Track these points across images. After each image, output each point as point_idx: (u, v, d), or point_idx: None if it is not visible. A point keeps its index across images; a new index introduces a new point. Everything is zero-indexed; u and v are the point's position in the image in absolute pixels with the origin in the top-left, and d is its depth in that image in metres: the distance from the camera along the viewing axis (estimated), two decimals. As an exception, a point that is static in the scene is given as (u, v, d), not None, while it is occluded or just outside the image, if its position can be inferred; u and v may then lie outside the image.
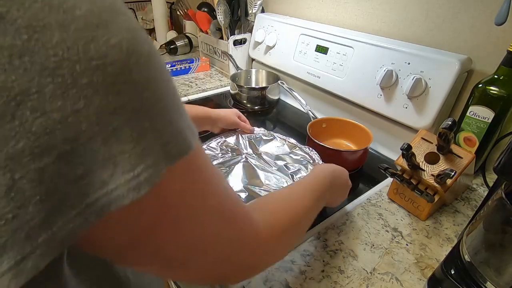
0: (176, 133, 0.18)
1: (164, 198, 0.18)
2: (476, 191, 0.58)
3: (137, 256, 0.20)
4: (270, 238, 0.27)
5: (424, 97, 0.60)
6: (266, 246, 0.27)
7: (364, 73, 0.69)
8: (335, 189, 0.43)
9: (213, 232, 0.22)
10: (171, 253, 0.21)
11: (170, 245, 0.20)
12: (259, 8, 0.99)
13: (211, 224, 0.21)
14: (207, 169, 0.21)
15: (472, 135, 0.56)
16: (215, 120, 0.62)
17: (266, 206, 0.30)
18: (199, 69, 1.14)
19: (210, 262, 0.23)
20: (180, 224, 0.20)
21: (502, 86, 0.51)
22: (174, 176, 0.18)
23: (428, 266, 0.44)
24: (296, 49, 0.86)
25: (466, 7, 0.57)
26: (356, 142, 0.70)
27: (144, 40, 0.16)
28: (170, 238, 0.20)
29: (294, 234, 0.32)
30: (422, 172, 0.49)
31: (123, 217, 0.17)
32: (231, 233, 0.23)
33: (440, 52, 0.60)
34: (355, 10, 0.77)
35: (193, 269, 0.23)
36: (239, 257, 0.25)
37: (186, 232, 0.20)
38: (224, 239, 0.23)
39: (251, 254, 0.25)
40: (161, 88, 0.17)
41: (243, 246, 0.24)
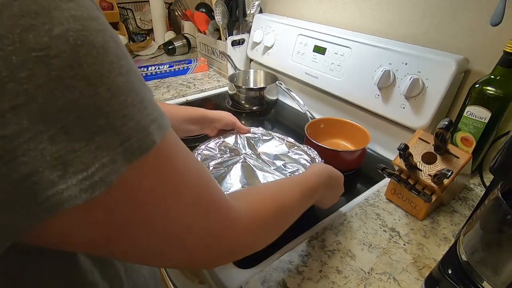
0: (138, 129, 0.17)
1: (132, 195, 0.18)
2: (473, 190, 0.58)
3: (111, 251, 0.20)
4: (250, 226, 0.27)
5: (422, 97, 0.60)
6: (245, 233, 0.26)
7: (362, 74, 0.69)
8: (329, 190, 0.43)
9: (189, 223, 0.21)
10: (146, 247, 0.20)
11: (144, 240, 0.20)
12: (257, 9, 0.99)
13: (186, 216, 0.21)
14: (180, 160, 0.21)
15: (469, 135, 0.57)
16: (212, 120, 0.62)
17: (250, 195, 0.31)
18: (197, 69, 1.14)
19: (187, 251, 0.23)
20: (153, 220, 0.19)
21: (499, 86, 0.52)
22: (140, 172, 0.17)
23: (426, 266, 0.44)
24: (294, 50, 0.86)
25: (463, 7, 0.57)
26: (354, 142, 0.70)
27: (97, 31, 0.15)
28: (143, 234, 0.19)
29: (276, 225, 0.32)
30: (419, 172, 0.49)
31: (84, 215, 0.16)
32: (208, 223, 0.23)
33: (437, 52, 0.60)
34: (353, 10, 0.77)
35: (170, 258, 0.23)
36: (217, 245, 0.24)
37: (160, 227, 0.20)
38: (201, 229, 0.22)
39: (229, 242, 0.25)
40: (119, 82, 0.16)
41: (220, 234, 0.24)
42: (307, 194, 0.37)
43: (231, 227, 0.25)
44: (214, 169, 0.54)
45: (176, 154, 0.20)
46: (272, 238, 0.32)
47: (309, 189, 0.38)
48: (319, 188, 0.40)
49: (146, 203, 0.18)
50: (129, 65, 0.17)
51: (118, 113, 0.16)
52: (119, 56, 0.16)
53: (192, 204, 0.21)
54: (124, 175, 0.16)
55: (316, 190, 0.39)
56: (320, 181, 0.40)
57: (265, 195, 0.32)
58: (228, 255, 0.27)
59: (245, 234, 0.26)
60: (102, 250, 0.20)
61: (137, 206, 0.18)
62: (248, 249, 0.28)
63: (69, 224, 0.16)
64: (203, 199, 0.22)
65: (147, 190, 0.18)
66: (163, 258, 0.22)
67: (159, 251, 0.21)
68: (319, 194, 0.40)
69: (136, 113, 0.17)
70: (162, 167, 0.19)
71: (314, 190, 0.38)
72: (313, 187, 0.38)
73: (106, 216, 0.17)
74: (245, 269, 0.43)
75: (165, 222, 0.20)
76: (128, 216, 0.18)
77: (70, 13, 0.14)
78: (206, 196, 0.23)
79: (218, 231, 0.24)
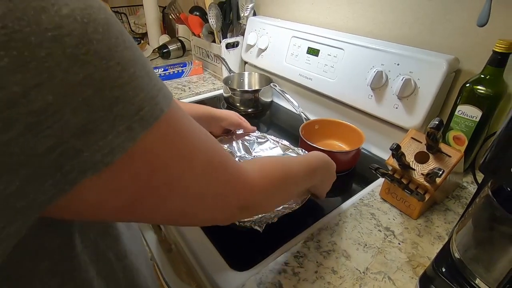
0: (148, 98, 0.18)
1: (151, 159, 0.19)
2: (467, 189, 0.59)
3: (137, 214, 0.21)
4: (259, 184, 0.29)
5: (414, 97, 0.61)
6: (257, 190, 0.29)
7: (355, 75, 0.70)
8: (325, 173, 0.46)
9: (206, 182, 0.23)
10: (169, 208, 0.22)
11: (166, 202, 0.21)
12: (251, 11, 1.00)
13: (204, 176, 0.23)
14: (187, 126, 0.22)
15: (461, 134, 0.57)
16: (219, 119, 0.63)
17: (260, 160, 0.34)
18: (192, 72, 1.14)
19: (207, 208, 0.25)
20: (174, 182, 0.21)
21: (489, 86, 0.52)
22: (155, 138, 0.19)
23: (420, 265, 0.44)
24: (288, 52, 0.87)
25: (454, 8, 0.58)
26: (349, 142, 0.70)
27: (98, 8, 0.16)
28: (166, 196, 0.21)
29: (283, 189, 0.35)
30: (412, 171, 0.49)
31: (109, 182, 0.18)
32: (223, 180, 0.25)
33: (428, 52, 0.61)
34: (346, 12, 0.78)
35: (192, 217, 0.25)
36: (233, 200, 0.27)
37: (180, 188, 0.22)
38: (218, 186, 0.25)
39: (243, 197, 0.27)
40: (127, 55, 0.17)
41: (235, 190, 0.26)
42: (309, 170, 0.40)
43: (244, 183, 0.27)
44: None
45: (182, 121, 0.22)
46: (279, 200, 0.35)
47: (311, 166, 0.41)
48: (318, 168, 0.43)
49: (166, 166, 0.20)
50: (131, 39, 0.18)
51: (130, 84, 0.17)
52: (121, 31, 0.17)
53: (207, 164, 0.23)
54: (141, 141, 0.18)
55: (315, 170, 0.42)
56: (319, 163, 0.44)
57: (273, 162, 0.35)
58: (243, 211, 0.29)
59: (256, 190, 0.29)
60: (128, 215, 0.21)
61: (158, 169, 0.20)
62: (259, 206, 0.31)
63: (97, 192, 0.18)
64: (215, 159, 0.24)
65: (164, 154, 0.20)
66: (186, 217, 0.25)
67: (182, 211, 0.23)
68: (319, 174, 0.43)
69: (144, 84, 0.18)
70: (174, 132, 0.21)
71: (314, 169, 0.42)
72: (314, 166, 0.42)
73: (128, 182, 0.19)
74: (241, 271, 0.43)
75: (185, 183, 0.22)
76: (151, 179, 0.19)
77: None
78: (217, 157, 0.25)
79: (232, 187, 0.26)
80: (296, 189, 0.38)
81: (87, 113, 0.15)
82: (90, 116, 0.15)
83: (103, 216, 0.21)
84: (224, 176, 0.25)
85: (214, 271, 0.44)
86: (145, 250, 0.38)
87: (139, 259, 0.34)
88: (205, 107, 0.61)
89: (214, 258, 0.46)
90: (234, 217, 0.29)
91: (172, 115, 0.20)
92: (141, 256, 0.35)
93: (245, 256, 0.46)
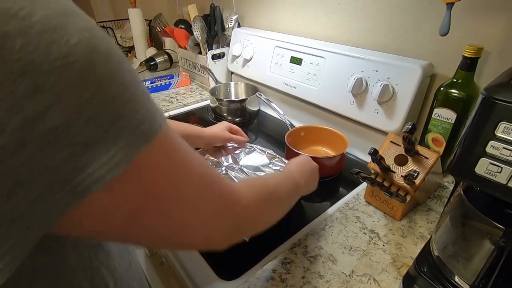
0: (148, 114, 0.20)
1: (152, 173, 0.20)
2: (448, 188, 0.61)
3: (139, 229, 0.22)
4: (252, 202, 0.30)
5: (393, 102, 0.63)
6: (249, 208, 0.30)
7: (337, 82, 0.72)
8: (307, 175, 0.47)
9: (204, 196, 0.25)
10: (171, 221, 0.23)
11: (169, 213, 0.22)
12: (235, 23, 1.02)
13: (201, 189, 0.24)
14: (182, 143, 0.24)
15: (439, 136, 0.59)
16: (208, 140, 0.64)
17: (247, 181, 0.35)
18: (180, 84, 1.15)
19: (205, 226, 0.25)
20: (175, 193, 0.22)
21: (461, 89, 0.55)
22: (155, 152, 0.20)
23: (404, 265, 0.45)
24: (272, 61, 0.89)
25: (425, 16, 0.61)
26: (334, 148, 0.72)
27: (101, 37, 0.18)
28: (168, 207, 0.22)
29: (275, 205, 0.36)
30: (393, 174, 0.51)
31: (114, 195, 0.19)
32: (217, 197, 0.26)
33: (404, 59, 0.64)
34: (325, 21, 0.80)
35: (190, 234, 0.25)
36: (227, 218, 0.27)
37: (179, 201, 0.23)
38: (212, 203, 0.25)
39: (236, 215, 0.28)
40: (127, 78, 0.19)
41: (228, 208, 0.27)
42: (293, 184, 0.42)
43: (237, 201, 0.28)
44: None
45: (176, 139, 0.23)
46: (270, 217, 0.36)
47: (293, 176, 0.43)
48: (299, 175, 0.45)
49: (167, 177, 0.21)
50: (130, 65, 0.20)
51: (132, 101, 0.19)
52: (122, 57, 0.19)
53: (202, 177, 0.25)
54: (141, 155, 0.19)
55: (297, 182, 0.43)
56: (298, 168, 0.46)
57: (260, 181, 0.36)
58: (237, 230, 0.29)
59: (249, 208, 0.30)
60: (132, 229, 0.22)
61: (160, 181, 0.21)
62: (252, 222, 0.32)
63: (102, 204, 0.19)
64: (209, 177, 0.26)
65: (165, 165, 0.21)
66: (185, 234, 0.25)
67: (182, 225, 0.24)
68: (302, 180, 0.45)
69: (144, 101, 0.20)
70: (171, 148, 0.22)
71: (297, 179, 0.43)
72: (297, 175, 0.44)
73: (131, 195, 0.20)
74: (230, 280, 0.44)
75: (182, 198, 0.23)
76: (153, 191, 0.21)
77: (80, 25, 0.17)
78: (210, 174, 0.26)
79: (226, 204, 0.27)
80: (287, 204, 0.40)
81: (94, 128, 0.17)
82: (97, 131, 0.17)
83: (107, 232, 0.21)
84: (219, 190, 0.26)
85: (203, 282, 0.44)
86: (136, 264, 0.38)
87: (130, 273, 0.34)
88: (194, 127, 0.63)
89: (202, 269, 0.46)
90: (230, 235, 0.29)
91: (168, 132, 0.22)
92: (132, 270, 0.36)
93: (233, 265, 0.46)
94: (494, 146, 0.29)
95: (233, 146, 0.69)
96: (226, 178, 0.29)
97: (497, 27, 0.53)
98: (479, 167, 0.30)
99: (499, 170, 0.29)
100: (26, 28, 0.14)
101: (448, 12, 0.47)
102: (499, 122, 0.28)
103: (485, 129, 0.29)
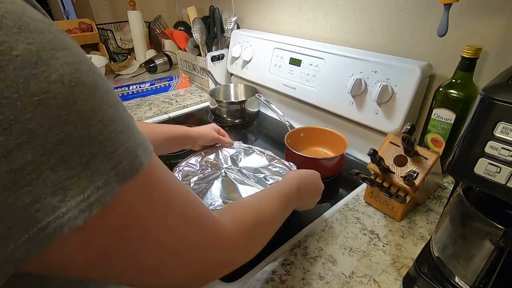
0: (127, 153, 0.19)
1: (126, 213, 0.19)
2: (447, 189, 0.61)
3: (108, 270, 0.21)
4: (235, 237, 0.29)
5: (392, 103, 0.63)
6: (233, 244, 0.28)
7: (336, 83, 0.72)
8: (303, 192, 0.45)
9: (180, 236, 0.23)
10: (141, 262, 0.22)
11: (140, 255, 0.21)
12: (234, 25, 1.02)
13: (177, 229, 0.23)
14: (165, 179, 0.23)
15: (438, 136, 0.60)
16: (195, 139, 0.63)
17: (233, 209, 0.33)
18: (179, 86, 1.16)
19: (181, 264, 0.24)
20: (147, 234, 0.21)
21: (460, 89, 0.55)
22: (133, 191, 0.19)
23: (404, 266, 0.45)
24: (271, 63, 0.89)
25: (423, 17, 0.61)
26: (333, 149, 0.72)
27: (87, 72, 0.17)
28: (139, 249, 0.21)
29: (260, 234, 0.34)
30: (392, 174, 0.51)
31: (83, 236, 0.18)
32: (197, 235, 0.25)
33: (403, 59, 0.64)
34: (324, 23, 0.81)
35: (166, 274, 0.24)
36: (210, 256, 0.26)
37: (154, 241, 0.22)
38: (191, 242, 0.24)
39: (218, 253, 0.27)
40: (109, 114, 0.18)
41: (209, 246, 0.26)
42: (284, 201, 0.40)
43: (219, 238, 0.27)
44: (195, 185, 0.55)
45: (161, 174, 0.22)
46: (258, 246, 0.34)
47: (285, 196, 0.40)
48: (294, 193, 0.42)
49: (139, 220, 0.20)
50: (116, 98, 0.19)
51: (110, 140, 0.18)
52: (107, 91, 0.19)
53: (181, 219, 0.23)
54: (118, 195, 0.18)
55: (291, 196, 0.41)
56: (292, 187, 0.42)
57: (247, 208, 0.34)
58: (219, 268, 0.28)
59: (232, 244, 0.28)
60: (99, 270, 0.21)
61: (132, 222, 0.20)
62: (238, 260, 0.30)
63: (69, 247, 0.18)
64: (190, 214, 0.25)
65: (139, 207, 0.20)
66: (159, 274, 0.23)
67: (154, 266, 0.23)
68: (295, 198, 0.42)
69: (125, 139, 0.19)
70: (151, 186, 0.21)
71: (290, 197, 0.41)
72: (289, 194, 0.41)
73: (103, 235, 0.19)
74: (229, 282, 0.44)
75: (158, 236, 0.22)
76: (124, 232, 0.20)
77: (64, 60, 0.16)
78: (192, 211, 0.25)
79: (207, 242, 0.26)
80: (276, 225, 0.38)
81: (65, 169, 0.16)
82: (68, 173, 0.16)
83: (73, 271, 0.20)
84: (199, 230, 0.25)
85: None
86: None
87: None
88: (180, 127, 0.62)
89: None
90: (213, 275, 0.28)
91: (152, 168, 0.21)
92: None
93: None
94: (493, 146, 0.29)
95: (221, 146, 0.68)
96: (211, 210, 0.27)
97: (495, 27, 0.53)
98: (478, 167, 0.30)
99: (498, 170, 0.29)
100: (4, 63, 0.14)
101: (446, 13, 0.47)
102: (498, 122, 0.28)
103: (483, 129, 0.29)
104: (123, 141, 0.19)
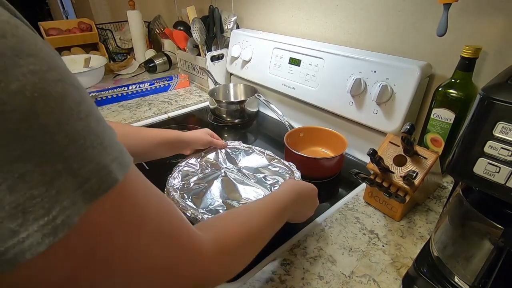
0: (98, 169, 0.17)
1: (94, 234, 0.18)
2: (447, 188, 0.61)
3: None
4: (215, 256, 0.27)
5: (391, 103, 0.63)
6: (211, 264, 0.27)
7: (335, 83, 0.72)
8: (299, 206, 0.44)
9: (151, 257, 0.22)
10: (111, 285, 0.20)
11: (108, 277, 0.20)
12: (234, 25, 1.02)
13: (148, 250, 0.21)
14: (141, 195, 0.21)
15: (438, 136, 0.60)
16: (188, 143, 0.62)
17: (216, 224, 0.31)
18: (179, 85, 1.16)
19: (154, 286, 0.22)
20: (116, 256, 0.20)
21: (460, 89, 0.55)
22: (102, 211, 0.18)
23: (404, 265, 0.45)
24: (271, 62, 0.89)
25: (422, 17, 0.61)
26: (333, 148, 0.72)
27: (55, 81, 0.16)
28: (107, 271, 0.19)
29: (245, 251, 0.33)
30: (392, 174, 0.51)
31: (47, 259, 0.16)
32: (171, 256, 0.23)
33: (402, 59, 0.64)
34: (323, 23, 0.81)
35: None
36: (185, 276, 0.24)
37: (123, 262, 0.20)
38: (164, 262, 0.22)
39: (197, 271, 0.25)
40: (77, 127, 0.16)
41: (184, 266, 0.24)
42: (276, 214, 0.38)
43: (195, 258, 0.25)
44: (195, 185, 0.55)
45: (137, 190, 0.21)
46: (241, 265, 0.32)
47: (278, 209, 0.39)
48: (288, 206, 0.41)
49: (109, 241, 0.19)
50: (89, 109, 0.18)
51: (76, 157, 0.16)
52: (79, 101, 0.17)
53: (154, 238, 0.22)
54: (85, 216, 0.17)
55: (285, 209, 0.40)
56: (288, 200, 0.41)
57: (233, 225, 0.32)
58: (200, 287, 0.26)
59: (210, 265, 0.26)
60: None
61: (100, 244, 0.18)
62: (215, 280, 0.28)
63: (32, 272, 0.16)
64: (165, 232, 0.23)
65: (110, 227, 0.19)
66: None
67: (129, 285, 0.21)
68: (289, 211, 0.41)
69: (95, 154, 0.17)
70: (125, 203, 0.20)
71: (283, 209, 0.40)
72: (282, 207, 0.40)
73: (69, 258, 0.17)
74: (228, 282, 0.44)
75: (128, 257, 0.20)
76: (91, 254, 0.18)
77: (28, 68, 0.15)
78: (167, 229, 0.23)
79: (183, 262, 0.24)
80: (264, 240, 0.36)
81: (25, 189, 0.14)
82: (29, 193, 0.14)
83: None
84: (175, 249, 0.23)
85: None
86: None
87: None
88: (172, 131, 0.60)
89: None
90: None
91: (127, 184, 0.20)
92: None
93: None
94: (492, 146, 0.29)
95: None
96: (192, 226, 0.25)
97: (495, 27, 0.53)
98: (477, 167, 0.30)
99: (497, 170, 0.29)
100: None
101: (445, 13, 0.47)
102: (497, 122, 0.28)
103: (483, 129, 0.29)
104: (92, 157, 0.17)
